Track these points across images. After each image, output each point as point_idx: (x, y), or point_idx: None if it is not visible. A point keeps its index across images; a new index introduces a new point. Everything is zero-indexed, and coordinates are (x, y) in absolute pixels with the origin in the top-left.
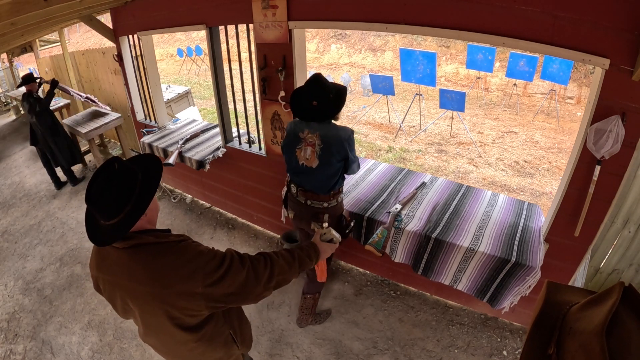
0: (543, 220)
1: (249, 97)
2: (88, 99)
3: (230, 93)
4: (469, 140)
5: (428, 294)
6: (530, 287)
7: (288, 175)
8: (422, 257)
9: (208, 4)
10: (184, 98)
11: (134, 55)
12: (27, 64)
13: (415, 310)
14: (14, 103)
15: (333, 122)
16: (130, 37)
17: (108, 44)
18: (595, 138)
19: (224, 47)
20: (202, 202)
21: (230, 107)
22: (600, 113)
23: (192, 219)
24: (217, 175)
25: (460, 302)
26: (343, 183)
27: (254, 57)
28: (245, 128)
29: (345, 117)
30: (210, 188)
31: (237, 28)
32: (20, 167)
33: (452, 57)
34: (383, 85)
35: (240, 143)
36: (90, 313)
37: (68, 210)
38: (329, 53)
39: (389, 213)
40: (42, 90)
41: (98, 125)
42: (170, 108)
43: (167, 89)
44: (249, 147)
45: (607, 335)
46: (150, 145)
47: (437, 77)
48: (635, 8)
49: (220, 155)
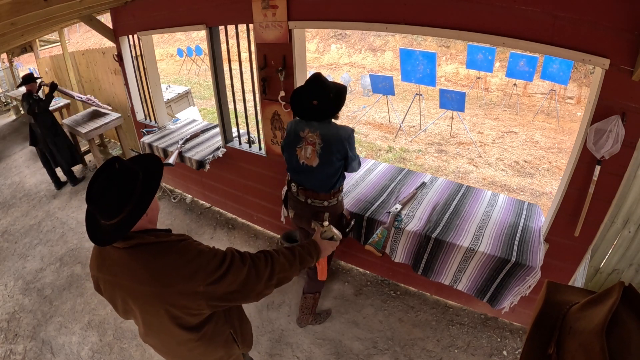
0: (543, 220)
1: (249, 97)
2: (89, 100)
3: (230, 93)
4: (469, 140)
5: (428, 294)
6: (530, 287)
7: (288, 174)
8: (422, 257)
9: (208, 4)
10: (184, 98)
11: (134, 55)
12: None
13: (415, 310)
14: (14, 103)
15: (333, 121)
16: (130, 37)
17: (108, 44)
18: (595, 138)
19: (224, 47)
20: (202, 202)
21: (230, 107)
22: (600, 113)
23: (192, 219)
24: (217, 175)
25: (460, 302)
26: (343, 182)
27: (254, 57)
28: (245, 128)
29: (345, 117)
30: (210, 188)
31: (237, 28)
32: (20, 167)
33: (452, 57)
34: (383, 85)
35: (240, 143)
36: (90, 313)
37: (68, 210)
38: (329, 53)
39: (389, 213)
40: (41, 92)
41: (98, 125)
42: (170, 108)
43: (167, 89)
44: (249, 147)
45: (607, 335)
46: (150, 145)
47: (437, 77)
48: (635, 8)
49: (220, 155)
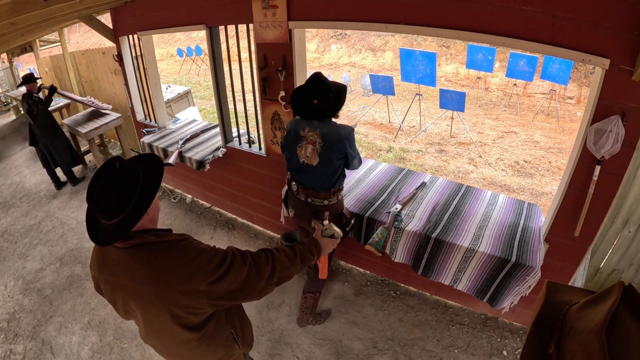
0: (543, 220)
1: (249, 97)
2: (89, 102)
3: (230, 93)
4: (469, 140)
5: (428, 294)
6: (530, 287)
7: (289, 173)
8: (422, 257)
9: (208, 4)
10: (184, 98)
11: (134, 55)
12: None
13: (415, 310)
14: (14, 103)
15: (333, 120)
16: (130, 37)
17: (108, 44)
18: (595, 138)
19: (224, 47)
20: (202, 202)
21: (230, 107)
22: (600, 113)
23: (192, 219)
24: (217, 175)
25: (460, 302)
26: (343, 181)
27: (254, 57)
28: (245, 128)
29: (345, 117)
30: (210, 188)
31: (237, 28)
32: (20, 167)
33: (452, 57)
34: (383, 85)
35: (240, 143)
36: (90, 313)
37: (68, 210)
38: (329, 53)
39: (389, 213)
40: (42, 93)
41: (98, 125)
42: (170, 108)
43: (167, 89)
44: (249, 147)
45: (607, 335)
46: (150, 145)
47: (437, 77)
48: (635, 8)
49: (220, 155)
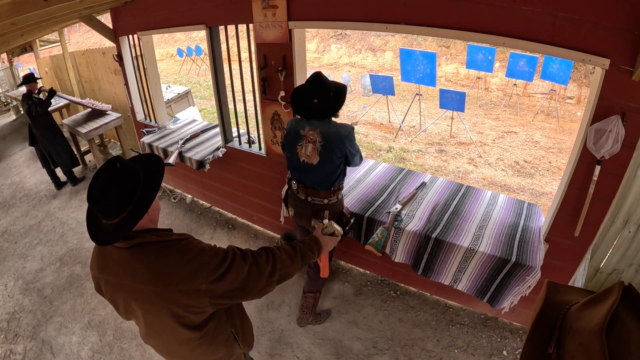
0: (543, 220)
1: (249, 97)
2: (89, 103)
3: (230, 93)
4: (469, 140)
5: (428, 294)
6: (530, 287)
7: (289, 173)
8: (422, 257)
9: (208, 4)
10: (184, 98)
11: (134, 55)
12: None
13: (415, 310)
14: (14, 103)
15: (333, 119)
16: (130, 37)
17: (108, 44)
18: (595, 138)
19: (224, 47)
20: (202, 202)
21: (230, 107)
22: (600, 113)
23: (192, 219)
24: (217, 175)
25: (460, 302)
26: (343, 180)
27: (254, 57)
28: (245, 128)
29: (345, 117)
30: (210, 188)
31: (237, 28)
32: (20, 167)
33: (452, 57)
34: (383, 85)
35: (240, 143)
36: (90, 313)
37: (68, 210)
38: (329, 53)
39: (389, 213)
40: (42, 94)
41: (98, 125)
42: (170, 108)
43: (167, 89)
44: (249, 147)
45: (606, 335)
46: (150, 145)
47: (437, 77)
48: (635, 8)
49: (220, 155)
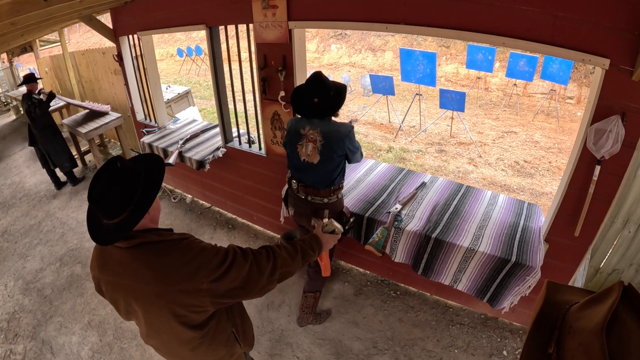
0: (543, 220)
1: (249, 97)
2: (90, 106)
3: (230, 93)
4: (469, 140)
5: (428, 294)
6: (530, 287)
7: (289, 172)
8: (422, 257)
9: (208, 4)
10: (184, 98)
11: (134, 55)
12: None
13: (415, 310)
14: (14, 103)
15: (333, 118)
16: (130, 37)
17: (108, 44)
18: (595, 138)
19: (224, 47)
20: (202, 202)
21: (230, 107)
22: (600, 113)
23: (192, 219)
24: (217, 175)
25: (460, 302)
26: (343, 179)
27: (254, 57)
28: (245, 128)
29: (345, 117)
30: (210, 188)
31: (237, 28)
32: (20, 167)
33: (452, 57)
34: (383, 85)
35: (240, 143)
36: (90, 313)
37: (68, 210)
38: (329, 53)
39: (389, 213)
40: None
41: (98, 125)
42: (170, 108)
43: (167, 89)
44: (249, 147)
45: (606, 334)
46: (150, 145)
47: (437, 77)
48: (635, 8)
49: (220, 155)
